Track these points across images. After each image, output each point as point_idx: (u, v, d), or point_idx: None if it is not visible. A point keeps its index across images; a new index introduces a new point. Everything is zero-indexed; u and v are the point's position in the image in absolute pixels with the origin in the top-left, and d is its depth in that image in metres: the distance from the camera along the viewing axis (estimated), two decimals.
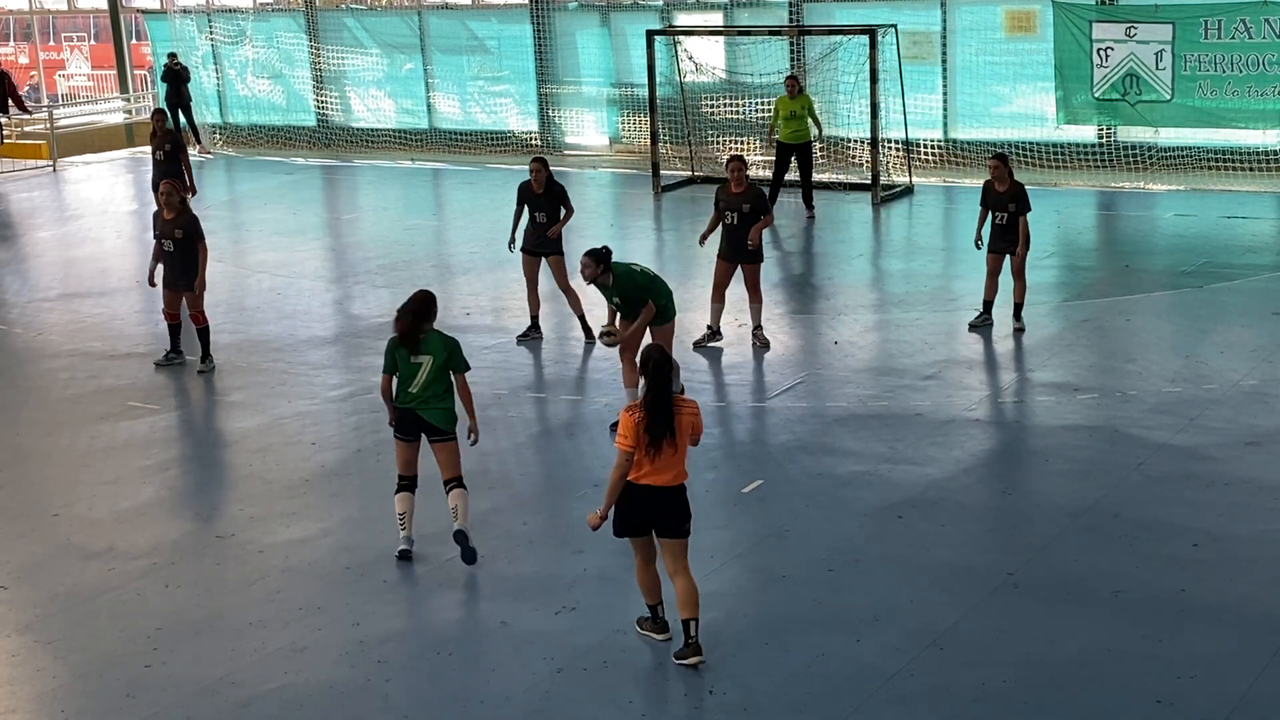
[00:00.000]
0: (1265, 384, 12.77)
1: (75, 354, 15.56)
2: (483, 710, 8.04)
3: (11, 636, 9.19)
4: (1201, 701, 7.81)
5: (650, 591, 8.64)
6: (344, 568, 9.99)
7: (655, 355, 8.30)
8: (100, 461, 12.29)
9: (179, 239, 14.26)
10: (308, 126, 30.49)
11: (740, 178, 14.37)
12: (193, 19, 31.27)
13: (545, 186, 14.81)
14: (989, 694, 7.97)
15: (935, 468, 11.24)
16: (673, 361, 8.36)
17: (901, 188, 22.87)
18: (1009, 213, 14.54)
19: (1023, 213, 14.48)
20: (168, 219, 14.31)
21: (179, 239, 14.26)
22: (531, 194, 14.84)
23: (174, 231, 14.26)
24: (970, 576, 9.36)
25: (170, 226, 14.29)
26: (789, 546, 9.99)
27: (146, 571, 9.99)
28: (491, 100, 28.99)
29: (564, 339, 15.39)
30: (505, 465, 11.72)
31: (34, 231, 22.82)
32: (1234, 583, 9.19)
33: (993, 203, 14.69)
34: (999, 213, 14.63)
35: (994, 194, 14.66)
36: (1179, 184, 22.33)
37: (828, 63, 24.18)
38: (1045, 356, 13.92)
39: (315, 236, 21.49)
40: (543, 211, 14.87)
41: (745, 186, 14.35)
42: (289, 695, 8.29)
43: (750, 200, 14.30)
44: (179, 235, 14.25)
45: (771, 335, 14.98)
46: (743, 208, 14.23)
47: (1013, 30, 24.19)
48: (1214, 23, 21.91)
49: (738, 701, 7.99)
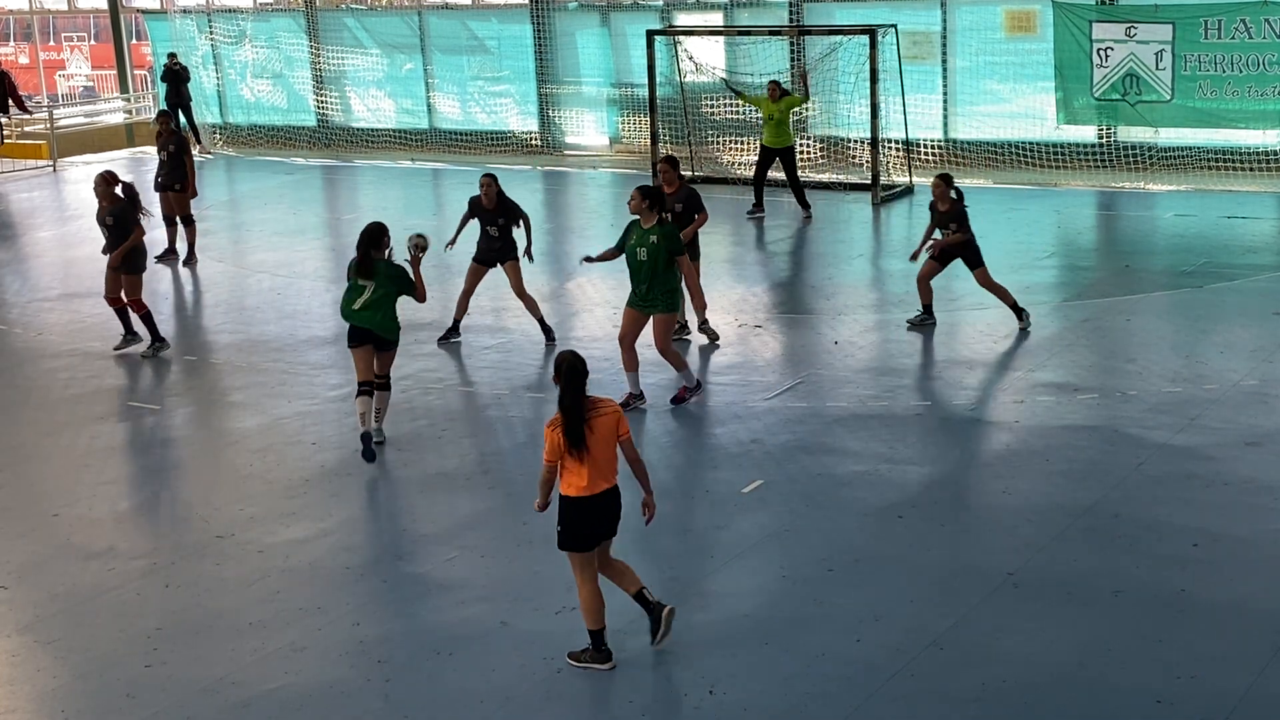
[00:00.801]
0: (1265, 384, 12.77)
1: (75, 354, 15.57)
2: (483, 710, 8.04)
3: (11, 636, 9.19)
4: (1201, 701, 7.81)
5: (597, 614, 8.36)
6: (344, 568, 9.99)
7: (568, 359, 8.27)
8: (100, 461, 12.29)
9: (110, 225, 15.08)
10: (308, 126, 30.51)
11: (670, 178, 14.38)
12: (193, 19, 31.28)
13: (496, 202, 14.76)
14: (989, 694, 7.97)
15: (935, 468, 11.24)
16: (584, 369, 8.31)
17: (901, 188, 22.87)
18: (952, 231, 14.63)
19: (964, 233, 14.56)
20: (103, 206, 15.18)
21: (110, 225, 15.08)
22: (482, 208, 14.85)
23: (106, 219, 15.13)
24: (970, 576, 9.36)
25: (102, 214, 15.17)
26: (789, 546, 9.99)
27: (146, 571, 9.99)
28: (491, 100, 29.00)
29: (563, 339, 15.39)
30: (505, 465, 11.73)
31: (34, 231, 22.82)
32: (1234, 583, 9.19)
33: (936, 221, 14.79)
34: (943, 230, 14.73)
35: (937, 213, 14.75)
36: (1179, 184, 22.33)
37: (828, 63, 24.18)
38: (1045, 356, 13.92)
39: (315, 236, 21.49)
40: (494, 226, 14.81)
41: (676, 186, 14.31)
42: (289, 695, 8.29)
43: (682, 200, 14.23)
44: (110, 223, 15.09)
45: (772, 335, 14.98)
46: (675, 208, 14.10)
47: (1013, 30, 24.20)
48: (1214, 23, 21.92)
49: (738, 701, 7.99)
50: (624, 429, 8.35)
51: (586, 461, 8.19)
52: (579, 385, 8.24)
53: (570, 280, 17.79)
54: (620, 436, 8.32)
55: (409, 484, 11.42)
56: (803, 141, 25.07)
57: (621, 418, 8.35)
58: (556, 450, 8.21)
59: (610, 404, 8.40)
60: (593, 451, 8.20)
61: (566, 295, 17.21)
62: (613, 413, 8.33)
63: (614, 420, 8.30)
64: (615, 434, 8.30)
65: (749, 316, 15.48)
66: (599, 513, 8.31)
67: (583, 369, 8.30)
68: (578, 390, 8.23)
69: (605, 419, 8.26)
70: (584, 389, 8.29)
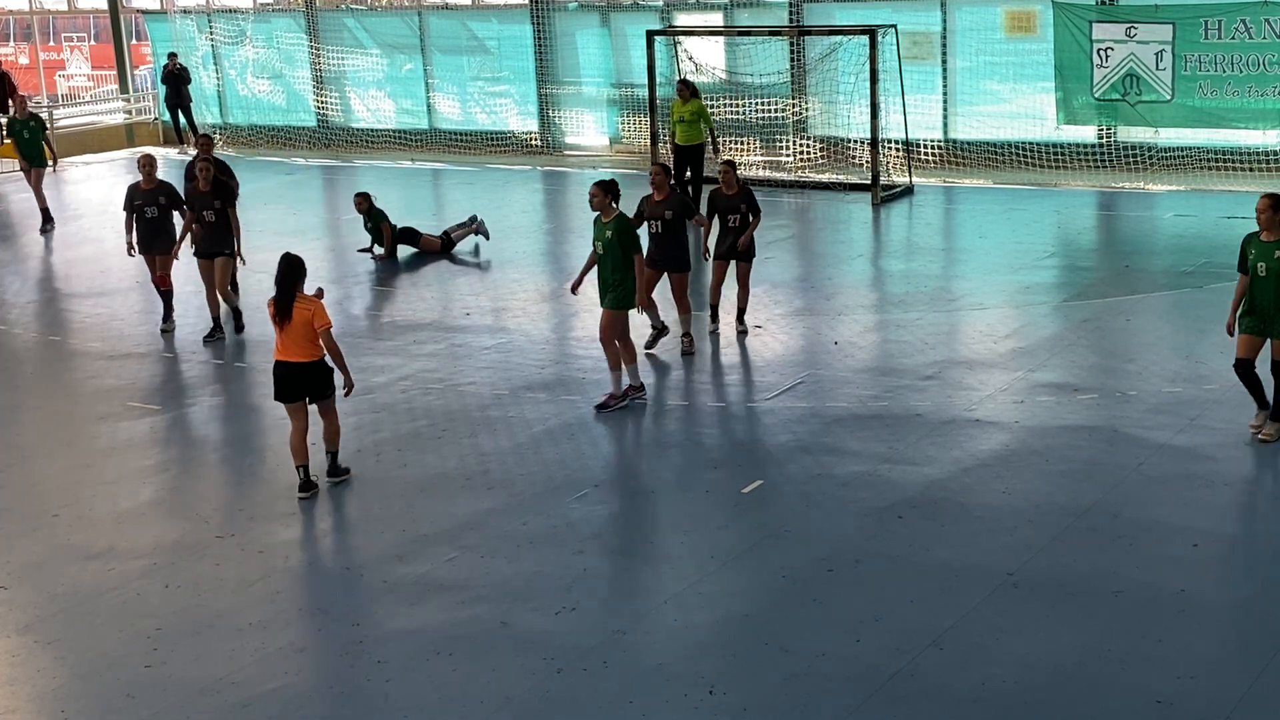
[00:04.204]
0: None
1: (75, 354, 15.57)
2: (483, 710, 8.04)
3: (11, 636, 9.19)
4: (1201, 701, 7.81)
5: (299, 453, 11.21)
6: (344, 568, 9.99)
7: (285, 258, 11.07)
8: (100, 461, 12.29)
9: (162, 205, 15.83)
10: (308, 127, 30.52)
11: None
12: (193, 19, 31.29)
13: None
14: (989, 694, 7.97)
15: (935, 468, 11.24)
16: (300, 267, 11.09)
17: (901, 188, 22.86)
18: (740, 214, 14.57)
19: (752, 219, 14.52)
20: (146, 189, 15.83)
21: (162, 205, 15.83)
22: (195, 194, 15.48)
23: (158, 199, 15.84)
24: (970, 576, 9.36)
25: (152, 195, 15.83)
26: (789, 546, 9.99)
27: (146, 571, 10.00)
28: (491, 100, 29.01)
29: (563, 339, 15.40)
30: (505, 465, 11.72)
31: (34, 231, 22.82)
32: (1234, 583, 9.19)
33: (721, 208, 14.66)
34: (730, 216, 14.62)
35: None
36: (1179, 184, 22.33)
37: (828, 63, 24.19)
38: (1045, 356, 13.92)
39: (315, 236, 21.49)
40: (210, 210, 15.38)
41: (666, 194, 14.21)
42: (289, 695, 8.29)
43: (674, 207, 14.09)
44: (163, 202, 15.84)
45: (771, 335, 14.97)
46: (665, 215, 14.01)
47: (1013, 30, 24.20)
48: (1214, 23, 21.92)
49: (738, 701, 7.99)
50: (320, 320, 11.00)
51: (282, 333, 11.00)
52: (289, 283, 11.03)
53: (570, 280, 17.74)
54: (318, 325, 10.99)
55: (409, 484, 11.42)
56: (802, 141, 25.10)
57: (318, 311, 10.99)
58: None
59: (311, 300, 11.06)
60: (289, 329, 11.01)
61: (566, 295, 17.19)
62: (305, 308, 11.00)
63: (303, 314, 10.98)
64: (309, 324, 10.95)
65: (749, 316, 15.46)
66: (291, 377, 11.15)
67: (297, 268, 11.09)
68: (286, 286, 11.02)
69: (298, 311, 10.98)
70: (293, 287, 11.03)
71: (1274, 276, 11.12)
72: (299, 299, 11.07)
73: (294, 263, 11.12)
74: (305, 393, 11.18)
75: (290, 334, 11.02)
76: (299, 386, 11.15)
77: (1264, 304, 11.17)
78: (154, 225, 15.85)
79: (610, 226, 12.68)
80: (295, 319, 10.99)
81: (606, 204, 12.71)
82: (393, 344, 15.26)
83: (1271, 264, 11.15)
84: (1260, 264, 11.21)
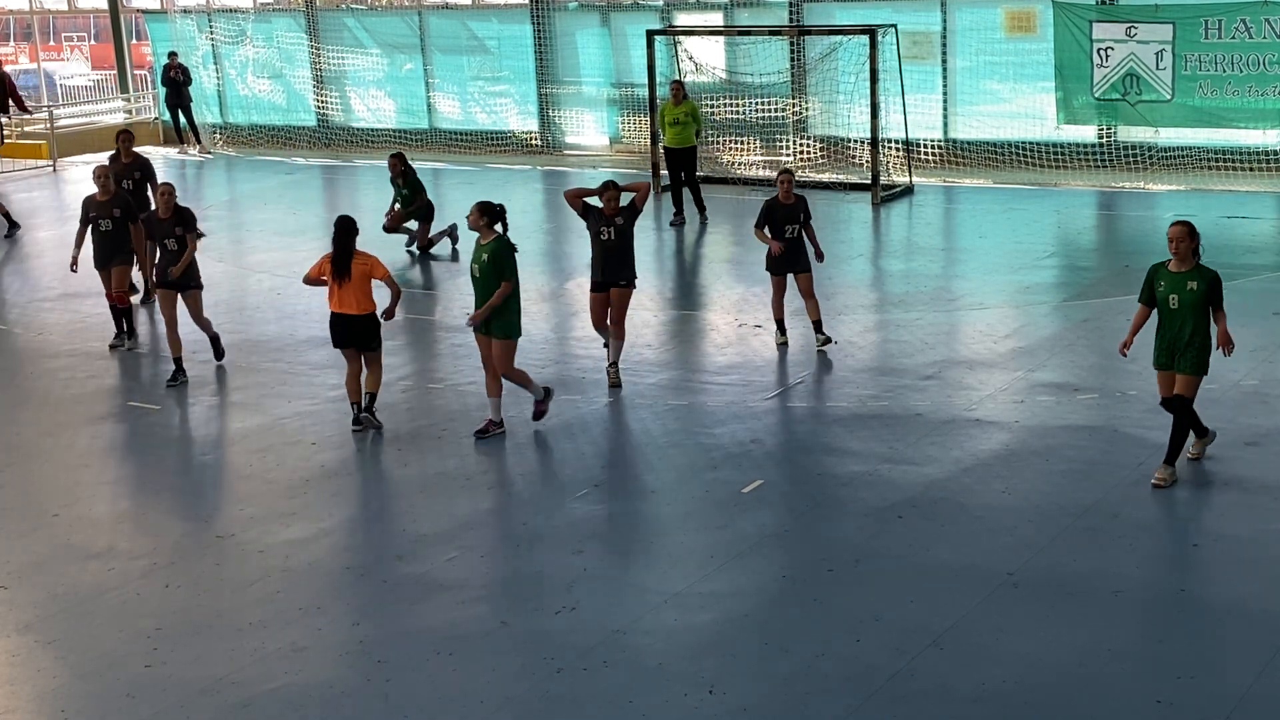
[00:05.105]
0: (1265, 384, 12.77)
1: (75, 354, 15.57)
2: (483, 710, 8.04)
3: (11, 636, 9.19)
4: (1201, 701, 7.81)
5: (353, 392, 12.55)
6: (344, 568, 9.99)
7: (341, 220, 12.33)
8: (100, 461, 12.30)
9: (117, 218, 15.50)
10: (308, 126, 30.52)
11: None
12: (193, 19, 31.28)
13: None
14: (989, 694, 7.97)
15: (935, 468, 11.24)
16: (354, 226, 12.27)
17: (901, 188, 22.86)
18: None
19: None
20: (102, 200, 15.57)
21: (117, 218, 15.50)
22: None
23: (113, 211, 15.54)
24: (970, 576, 9.36)
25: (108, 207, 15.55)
26: (789, 546, 9.99)
27: (146, 571, 10.00)
28: (491, 100, 29.00)
29: (563, 339, 15.41)
30: (505, 465, 11.72)
31: (34, 231, 22.81)
32: (1234, 583, 9.19)
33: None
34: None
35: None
36: (1179, 184, 22.33)
37: (828, 63, 24.19)
38: (1045, 356, 13.92)
39: (315, 236, 21.47)
40: (171, 238, 14.07)
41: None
42: (289, 695, 8.29)
43: (624, 215, 13.65)
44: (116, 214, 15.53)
45: (772, 335, 14.96)
46: (616, 221, 13.58)
47: (1013, 30, 24.20)
48: (1214, 23, 21.92)
49: (738, 701, 7.99)
50: (378, 272, 12.40)
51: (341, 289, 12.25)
52: (346, 240, 12.28)
53: (570, 280, 17.78)
54: (376, 275, 12.41)
55: (409, 484, 11.42)
56: (802, 141, 25.10)
57: (374, 266, 12.38)
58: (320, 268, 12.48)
59: (367, 256, 12.32)
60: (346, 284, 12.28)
61: (566, 295, 17.21)
62: (362, 263, 12.29)
63: (361, 269, 12.27)
64: (367, 277, 12.30)
65: (749, 316, 15.48)
66: (346, 327, 12.40)
67: (350, 228, 12.33)
68: (344, 244, 12.27)
69: (357, 266, 12.25)
70: (351, 244, 12.28)
71: (1186, 309, 10.52)
72: (356, 255, 12.29)
73: (348, 223, 12.32)
74: (356, 342, 12.40)
75: (348, 289, 12.25)
76: (352, 336, 12.40)
77: (1173, 338, 10.61)
78: (109, 238, 15.35)
79: (487, 249, 12.05)
80: (354, 273, 12.24)
81: (482, 226, 12.05)
82: (393, 344, 15.25)
83: (1184, 296, 10.50)
84: (1172, 296, 10.54)
